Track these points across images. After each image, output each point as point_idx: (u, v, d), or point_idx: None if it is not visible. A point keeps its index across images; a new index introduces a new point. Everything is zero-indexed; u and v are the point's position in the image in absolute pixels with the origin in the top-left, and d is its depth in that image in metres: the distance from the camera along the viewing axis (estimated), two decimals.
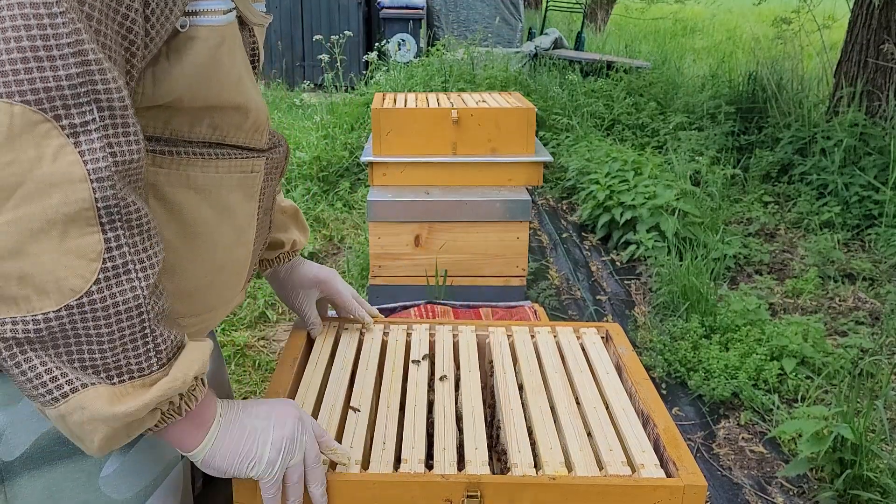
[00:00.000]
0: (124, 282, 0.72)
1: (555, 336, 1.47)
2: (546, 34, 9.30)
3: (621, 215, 4.08)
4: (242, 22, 0.91)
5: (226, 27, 0.84)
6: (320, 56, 6.50)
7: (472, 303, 2.55)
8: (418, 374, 1.32)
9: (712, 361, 2.83)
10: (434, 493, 1.02)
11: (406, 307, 2.49)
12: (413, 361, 1.36)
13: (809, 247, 4.01)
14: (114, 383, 0.74)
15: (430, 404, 1.26)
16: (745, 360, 2.83)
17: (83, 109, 0.67)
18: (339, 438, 1.14)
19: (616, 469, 1.07)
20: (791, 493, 2.32)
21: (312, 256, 3.88)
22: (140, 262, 0.73)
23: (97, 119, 0.68)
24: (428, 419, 1.21)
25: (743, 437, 2.58)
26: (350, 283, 3.54)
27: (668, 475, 1.06)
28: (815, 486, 2.31)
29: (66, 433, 0.76)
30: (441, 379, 1.31)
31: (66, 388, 0.71)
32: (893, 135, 4.72)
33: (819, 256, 3.88)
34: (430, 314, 2.45)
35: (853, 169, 4.62)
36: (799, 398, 2.73)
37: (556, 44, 9.07)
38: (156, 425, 0.80)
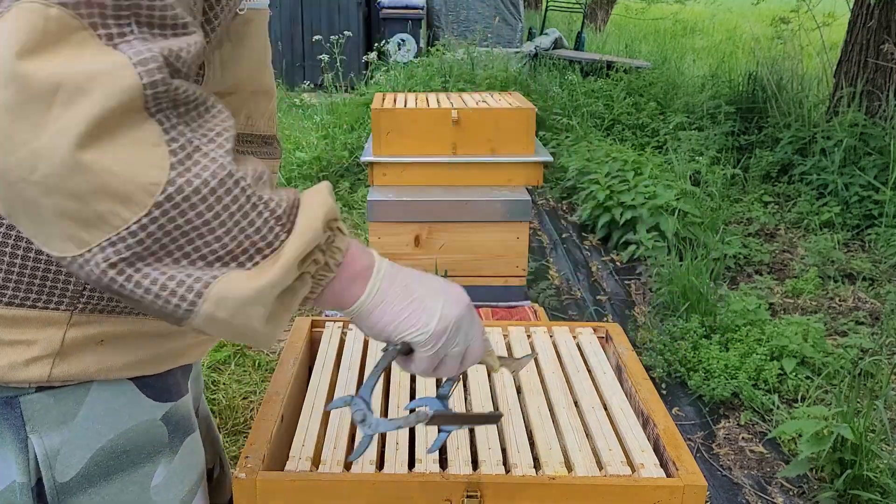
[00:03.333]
0: (199, 158, 0.63)
1: (551, 336, 1.47)
2: (546, 34, 9.30)
3: (621, 215, 4.08)
4: None
5: (266, 9, 0.87)
6: (320, 56, 6.49)
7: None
8: None
9: (712, 361, 2.83)
10: (434, 492, 1.02)
11: None
12: None
13: (809, 247, 4.01)
14: (247, 268, 0.66)
15: None
16: (745, 360, 2.82)
17: (121, 23, 0.60)
18: (351, 437, 1.14)
19: (616, 469, 1.07)
20: (791, 493, 2.32)
21: None
22: (204, 136, 0.64)
23: (135, 31, 0.61)
24: None
25: (743, 437, 2.58)
26: None
27: (668, 475, 1.06)
28: (815, 487, 2.31)
29: (228, 335, 0.69)
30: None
31: (198, 286, 0.64)
32: (893, 135, 4.72)
33: (819, 256, 3.88)
34: None
35: (853, 169, 4.62)
36: (799, 398, 2.73)
37: (556, 44, 9.07)
38: (311, 292, 0.73)
